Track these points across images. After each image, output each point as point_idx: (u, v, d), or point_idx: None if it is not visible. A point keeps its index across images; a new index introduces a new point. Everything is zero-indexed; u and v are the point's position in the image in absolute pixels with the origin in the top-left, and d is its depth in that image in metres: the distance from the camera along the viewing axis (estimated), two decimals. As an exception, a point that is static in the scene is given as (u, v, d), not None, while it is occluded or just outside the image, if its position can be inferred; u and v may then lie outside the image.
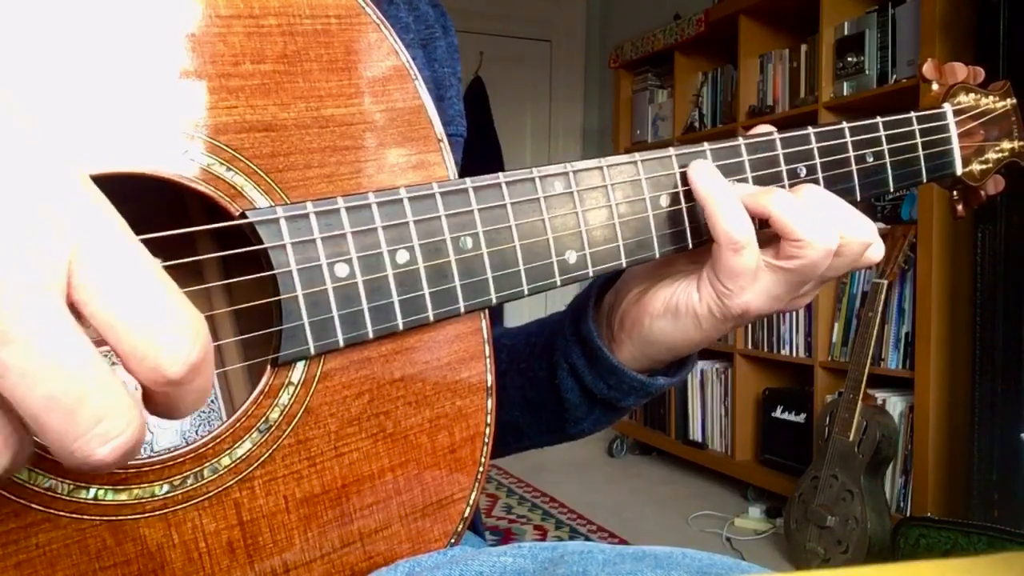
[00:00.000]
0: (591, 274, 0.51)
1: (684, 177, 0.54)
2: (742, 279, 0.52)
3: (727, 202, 0.51)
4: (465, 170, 0.51)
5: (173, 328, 0.28)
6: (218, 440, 0.41)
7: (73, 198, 0.28)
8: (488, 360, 0.49)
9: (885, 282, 2.20)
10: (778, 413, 2.84)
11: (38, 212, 0.27)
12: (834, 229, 0.52)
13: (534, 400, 0.62)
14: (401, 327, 0.45)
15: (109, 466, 0.28)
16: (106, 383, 0.27)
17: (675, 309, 0.55)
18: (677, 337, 0.56)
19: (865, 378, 2.18)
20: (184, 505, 0.40)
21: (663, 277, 0.57)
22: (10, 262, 0.26)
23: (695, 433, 3.31)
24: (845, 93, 2.61)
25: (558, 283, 0.50)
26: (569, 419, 0.62)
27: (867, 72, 2.53)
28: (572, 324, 0.59)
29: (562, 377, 0.59)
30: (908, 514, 2.29)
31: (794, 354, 2.83)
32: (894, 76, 2.46)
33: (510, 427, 0.64)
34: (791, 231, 0.51)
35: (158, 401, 0.30)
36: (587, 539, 2.47)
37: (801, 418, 2.74)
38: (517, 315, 0.71)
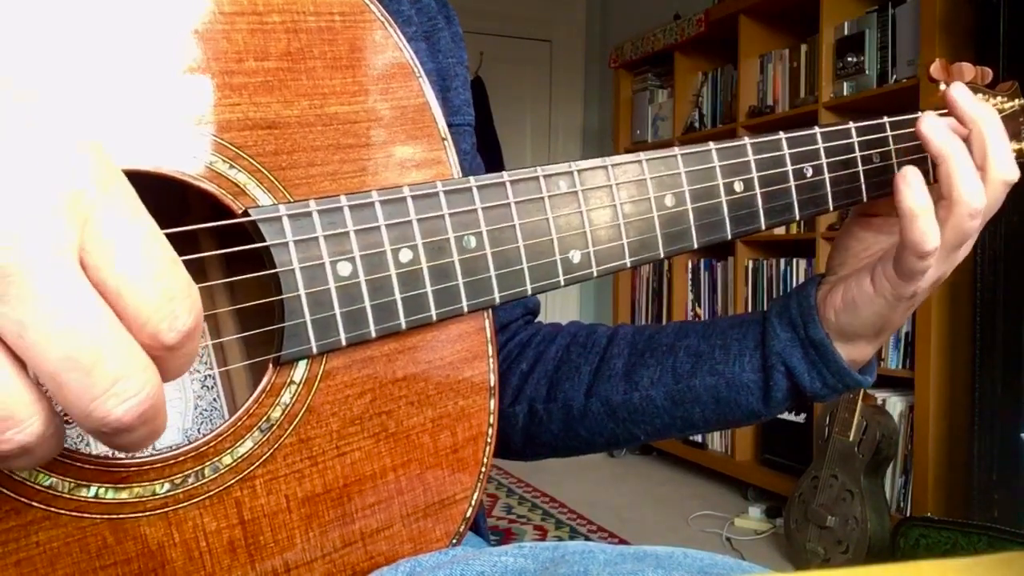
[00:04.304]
0: (595, 274, 0.51)
1: (688, 177, 0.54)
2: (919, 276, 0.56)
3: (927, 219, 0.54)
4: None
5: (174, 297, 0.29)
6: (219, 439, 0.41)
7: (87, 165, 0.29)
8: (491, 360, 0.49)
9: (885, 282, 2.20)
10: (778, 413, 2.84)
11: (54, 177, 0.28)
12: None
13: (727, 399, 0.64)
14: (404, 326, 0.45)
15: (128, 428, 0.28)
16: (122, 344, 0.28)
17: (853, 303, 0.59)
18: (858, 325, 0.60)
19: (865, 378, 2.17)
20: (185, 504, 0.40)
21: (848, 276, 0.61)
22: (28, 224, 0.27)
23: (695, 433, 3.30)
24: (845, 93, 2.61)
25: (562, 282, 0.50)
26: (764, 415, 0.65)
27: (867, 72, 2.52)
28: (790, 329, 0.62)
29: (776, 378, 0.62)
30: (908, 514, 2.29)
31: (794, 354, 2.82)
32: (894, 76, 2.46)
33: (683, 422, 0.65)
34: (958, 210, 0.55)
35: None
36: (587, 539, 2.46)
37: (801, 418, 2.73)
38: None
